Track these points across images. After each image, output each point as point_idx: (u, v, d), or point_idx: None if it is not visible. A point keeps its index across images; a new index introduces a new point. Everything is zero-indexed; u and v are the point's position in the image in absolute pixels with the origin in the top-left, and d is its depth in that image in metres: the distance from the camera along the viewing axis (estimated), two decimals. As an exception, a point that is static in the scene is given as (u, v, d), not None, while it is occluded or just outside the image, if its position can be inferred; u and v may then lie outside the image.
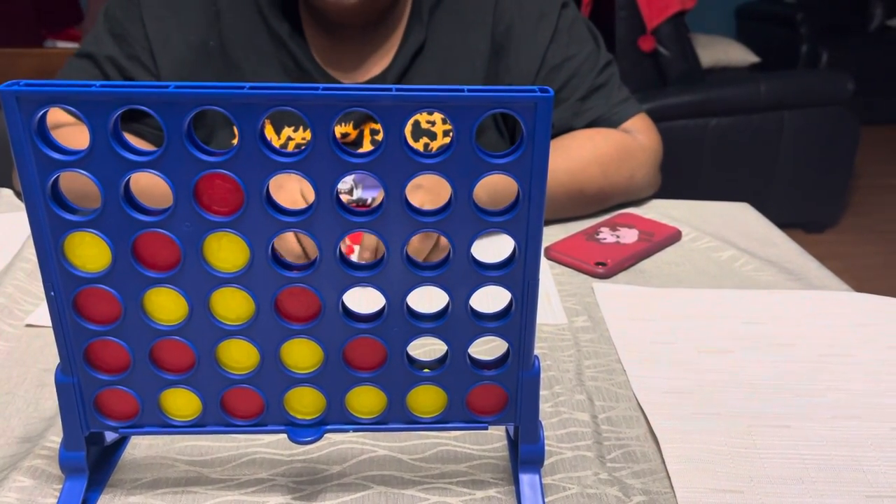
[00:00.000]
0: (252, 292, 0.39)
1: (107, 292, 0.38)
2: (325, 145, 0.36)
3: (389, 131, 0.36)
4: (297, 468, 0.47)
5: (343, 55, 0.87)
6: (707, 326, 0.64)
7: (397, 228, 0.38)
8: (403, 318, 0.40)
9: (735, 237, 0.82)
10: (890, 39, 3.80)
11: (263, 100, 0.35)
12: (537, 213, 0.38)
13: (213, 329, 0.40)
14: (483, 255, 0.40)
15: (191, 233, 0.37)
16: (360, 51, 0.87)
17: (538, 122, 0.36)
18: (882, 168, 3.36)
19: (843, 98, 2.53)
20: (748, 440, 0.50)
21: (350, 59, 0.87)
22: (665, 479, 0.47)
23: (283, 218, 0.37)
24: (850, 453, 0.49)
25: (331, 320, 0.40)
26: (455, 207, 0.38)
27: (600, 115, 0.89)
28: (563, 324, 0.64)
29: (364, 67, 0.87)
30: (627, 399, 0.54)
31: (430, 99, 0.35)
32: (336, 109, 0.35)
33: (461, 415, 0.43)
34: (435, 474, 0.47)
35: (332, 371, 0.42)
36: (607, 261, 0.73)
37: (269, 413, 0.43)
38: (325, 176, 0.36)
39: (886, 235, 2.80)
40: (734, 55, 3.23)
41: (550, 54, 0.87)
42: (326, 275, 0.39)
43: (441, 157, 0.36)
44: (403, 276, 0.39)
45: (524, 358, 0.42)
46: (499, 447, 0.49)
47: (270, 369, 0.41)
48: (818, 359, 0.60)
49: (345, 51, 0.87)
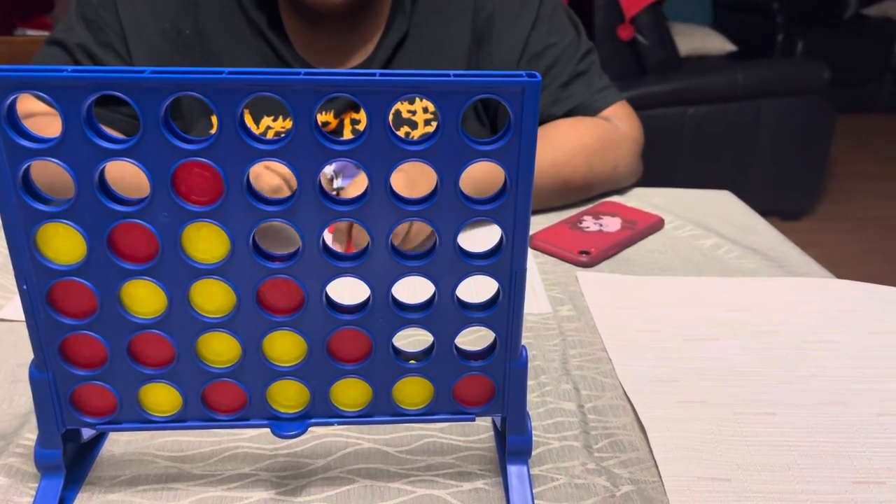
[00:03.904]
0: (233, 284, 0.38)
1: (82, 285, 0.37)
2: (308, 132, 0.35)
3: (373, 118, 0.35)
4: (281, 462, 0.46)
5: (323, 45, 0.85)
6: (691, 314, 0.64)
7: (382, 217, 0.37)
8: (389, 308, 0.40)
9: (717, 225, 0.82)
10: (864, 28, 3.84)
11: (243, 85, 0.33)
12: (524, 201, 0.37)
13: (193, 322, 0.39)
14: (469, 244, 0.39)
15: (169, 223, 0.36)
16: (340, 41, 0.86)
17: (525, 107, 0.35)
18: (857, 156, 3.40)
19: (819, 87, 2.55)
20: (734, 428, 0.50)
21: (331, 50, 0.86)
22: (653, 469, 0.46)
23: (264, 207, 0.36)
24: (836, 439, 0.49)
25: (314, 312, 0.39)
26: (441, 195, 0.37)
27: (581, 102, 0.88)
28: (547, 313, 0.64)
29: (345, 58, 0.86)
30: (613, 388, 0.54)
31: (415, 84, 0.34)
32: (318, 95, 0.34)
33: (448, 406, 0.43)
34: (421, 466, 0.46)
35: (316, 364, 0.41)
36: (591, 249, 0.73)
37: (252, 407, 0.42)
38: (307, 164, 0.35)
39: (861, 223, 2.83)
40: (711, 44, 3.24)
41: (532, 42, 0.87)
42: (309, 265, 0.38)
43: (427, 144, 0.35)
44: (388, 267, 0.38)
45: (511, 348, 0.41)
46: (485, 438, 0.49)
47: (253, 362, 0.40)
48: (802, 345, 0.60)
49: (325, 41, 0.85)
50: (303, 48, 0.85)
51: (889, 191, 3.09)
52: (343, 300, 0.40)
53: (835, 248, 2.64)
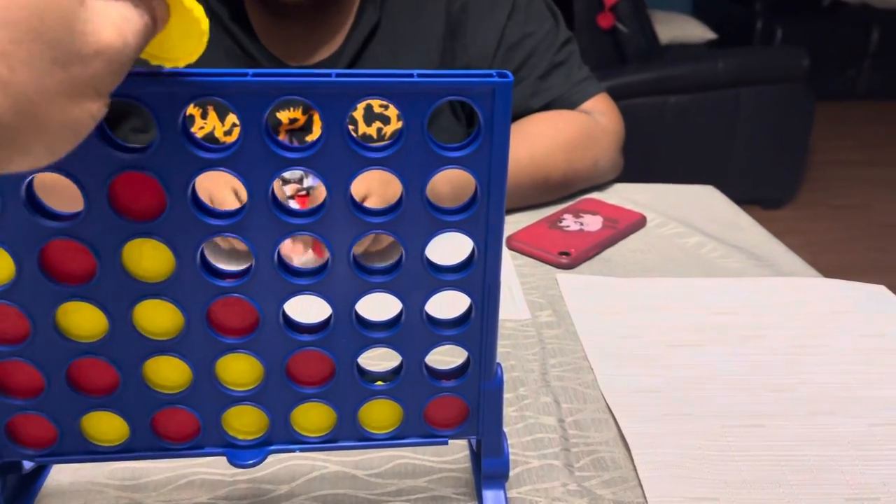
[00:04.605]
0: (180, 304, 0.35)
1: (12, 308, 0.34)
2: (258, 139, 0.32)
3: (330, 122, 0.32)
4: (241, 490, 0.43)
5: (290, 38, 0.82)
6: (675, 318, 0.61)
7: (342, 230, 0.34)
8: (352, 327, 0.37)
9: (701, 222, 0.79)
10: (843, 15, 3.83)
11: (184, 88, 0.30)
12: (497, 211, 0.34)
13: (137, 345, 0.36)
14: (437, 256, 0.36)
15: (107, 239, 0.33)
16: (308, 33, 0.82)
17: (496, 110, 0.32)
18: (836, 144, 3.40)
19: (798, 74, 2.54)
20: (722, 442, 0.47)
21: (297, 42, 0.82)
22: (637, 488, 0.44)
23: (211, 221, 0.33)
24: (828, 453, 0.47)
25: (270, 332, 0.36)
26: (406, 206, 0.34)
27: (560, 94, 0.85)
28: (526, 319, 0.61)
29: (313, 51, 0.82)
30: (595, 400, 0.51)
31: (374, 86, 0.31)
32: (268, 98, 0.31)
33: (418, 429, 0.40)
34: (392, 491, 0.43)
35: (275, 387, 0.38)
36: (571, 250, 0.70)
37: (206, 434, 0.39)
38: (257, 173, 0.32)
39: (841, 211, 2.84)
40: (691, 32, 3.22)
41: (508, 32, 0.83)
42: (264, 283, 0.35)
43: (389, 151, 0.32)
44: (351, 283, 0.35)
45: (485, 367, 0.38)
46: (461, 458, 0.46)
47: (205, 387, 0.37)
48: (790, 350, 0.57)
49: (292, 32, 0.81)
50: (268, 41, 0.81)
51: (868, 177, 3.10)
52: (306, 318, 0.37)
53: (815, 235, 2.63)
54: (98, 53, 0.23)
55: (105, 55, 0.24)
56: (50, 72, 0.22)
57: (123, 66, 0.25)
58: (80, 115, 0.24)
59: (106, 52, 0.24)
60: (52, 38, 0.22)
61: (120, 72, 0.25)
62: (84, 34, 0.23)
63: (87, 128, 0.25)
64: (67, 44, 0.22)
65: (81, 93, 0.23)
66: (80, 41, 0.23)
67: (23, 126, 0.22)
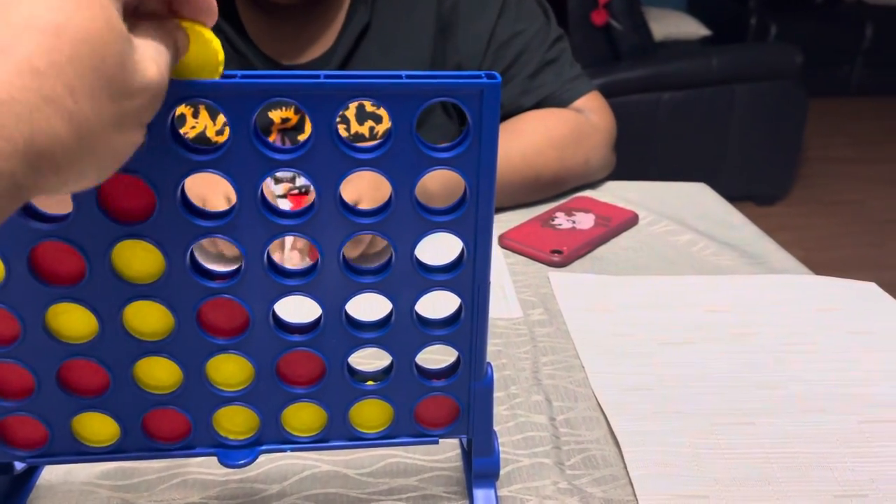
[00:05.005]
0: (170, 305, 0.35)
1: (1, 310, 0.34)
2: (246, 140, 0.32)
3: (318, 124, 0.32)
4: (233, 489, 0.43)
5: (281, 37, 0.81)
6: (667, 316, 0.61)
7: (331, 231, 0.34)
8: (342, 328, 0.37)
9: (693, 220, 0.80)
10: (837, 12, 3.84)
11: (172, 89, 0.30)
12: (486, 211, 0.34)
13: (128, 346, 0.36)
14: (430, 256, 0.36)
15: (96, 241, 0.33)
16: (299, 32, 0.82)
17: (485, 110, 0.32)
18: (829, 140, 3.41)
19: (792, 71, 2.54)
20: (712, 440, 0.48)
21: (289, 41, 0.82)
22: (627, 486, 0.44)
23: (200, 222, 0.33)
24: (818, 450, 0.47)
25: (260, 333, 0.36)
26: (396, 207, 0.34)
27: (551, 92, 0.85)
28: (518, 317, 0.61)
29: (305, 50, 0.82)
30: (586, 398, 0.52)
31: (363, 87, 0.31)
32: (256, 100, 0.31)
33: (409, 429, 0.40)
34: (383, 490, 0.43)
35: (265, 387, 0.38)
36: (563, 248, 0.70)
37: (197, 434, 0.39)
38: (246, 174, 0.32)
39: (834, 207, 2.84)
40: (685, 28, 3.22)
41: (499, 30, 0.83)
42: (253, 284, 0.35)
43: (378, 153, 0.32)
44: (340, 283, 0.35)
45: (476, 367, 0.38)
46: (452, 457, 0.46)
47: (196, 388, 0.37)
48: (781, 348, 0.58)
49: (284, 31, 0.81)
50: (260, 40, 0.81)
51: (861, 174, 3.11)
52: (297, 318, 0.37)
53: (809, 232, 2.64)
54: (144, 89, 0.26)
55: (149, 90, 0.26)
56: (106, 105, 0.24)
57: (160, 98, 0.28)
58: (125, 143, 0.27)
59: (150, 87, 0.26)
60: (110, 75, 0.24)
61: (157, 104, 0.28)
62: (134, 72, 0.25)
63: (128, 154, 0.27)
64: (121, 81, 0.24)
65: (128, 124, 0.26)
66: (131, 78, 0.25)
67: (82, 152, 0.24)
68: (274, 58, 0.81)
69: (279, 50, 0.81)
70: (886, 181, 3.03)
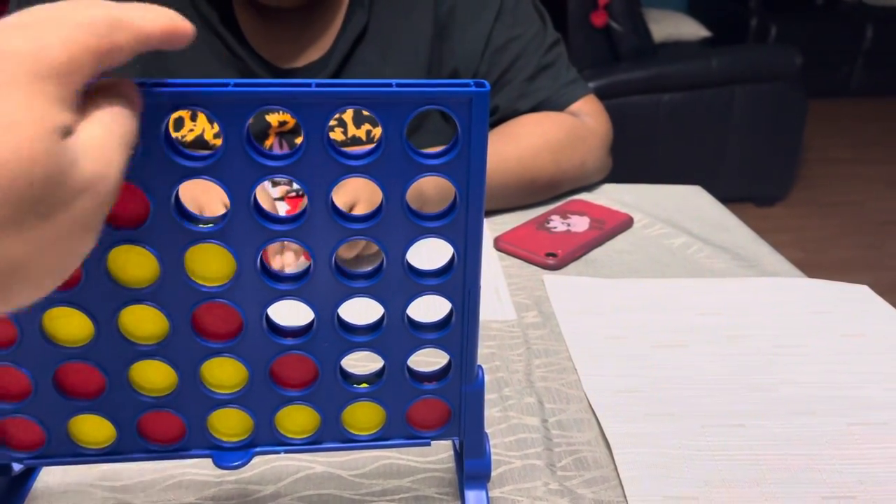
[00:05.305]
0: (164, 309, 0.35)
1: None
2: (239, 147, 0.32)
3: (310, 131, 0.32)
4: (228, 490, 0.44)
5: (279, 40, 0.82)
6: (660, 319, 0.62)
7: (324, 236, 0.35)
8: (335, 331, 0.37)
9: (687, 223, 0.80)
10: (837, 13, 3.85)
11: (166, 98, 0.31)
12: (476, 217, 0.35)
13: (123, 349, 0.36)
14: (423, 260, 0.37)
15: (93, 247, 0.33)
16: (297, 36, 0.82)
17: (474, 118, 0.33)
18: (829, 142, 3.42)
19: (792, 72, 2.55)
20: (702, 441, 0.48)
21: (287, 45, 0.82)
22: (618, 488, 0.45)
23: (195, 228, 0.34)
24: (807, 452, 0.48)
25: (254, 337, 0.37)
26: (387, 212, 0.34)
27: (547, 96, 0.86)
28: (512, 320, 0.62)
29: (302, 52, 0.83)
30: (578, 400, 0.52)
31: (353, 95, 0.32)
32: (249, 108, 0.31)
33: (401, 431, 0.40)
34: (377, 491, 0.44)
35: (259, 390, 0.38)
36: (558, 251, 0.71)
37: (192, 437, 0.39)
38: (239, 181, 0.33)
39: (834, 208, 2.85)
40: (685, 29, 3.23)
41: (495, 35, 0.84)
42: (247, 288, 0.35)
43: (369, 159, 0.33)
44: (333, 288, 0.36)
45: (466, 371, 0.39)
46: (444, 458, 0.47)
47: (190, 390, 0.38)
48: (772, 350, 0.58)
49: (281, 35, 0.82)
50: (257, 44, 0.81)
51: (861, 175, 3.11)
52: (289, 321, 0.38)
53: (809, 232, 2.65)
54: (83, 191, 0.22)
55: (91, 190, 0.23)
56: (34, 227, 0.21)
57: (111, 193, 0.24)
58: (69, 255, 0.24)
59: (91, 186, 0.23)
60: (37, 195, 0.21)
61: (108, 200, 0.24)
62: (69, 176, 0.22)
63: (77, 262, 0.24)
64: (51, 196, 0.21)
65: (67, 235, 0.23)
66: (64, 187, 0.22)
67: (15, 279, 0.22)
68: (272, 61, 0.82)
69: (277, 54, 0.82)
70: (886, 182, 3.04)
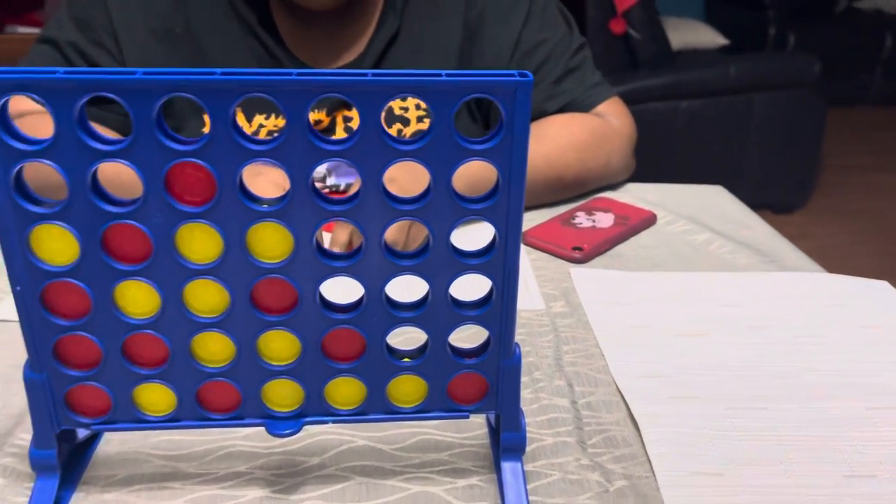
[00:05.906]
0: (226, 284, 0.38)
1: (76, 286, 0.37)
2: (300, 132, 0.35)
3: (366, 117, 0.35)
4: (276, 460, 0.46)
5: (315, 43, 0.85)
6: (683, 310, 0.64)
7: (375, 217, 0.37)
8: (382, 307, 0.40)
9: (710, 220, 0.82)
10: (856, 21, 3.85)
11: (235, 86, 0.33)
12: (517, 200, 0.37)
13: (186, 322, 0.39)
14: (463, 242, 0.39)
15: (162, 224, 0.36)
16: (332, 38, 0.85)
17: (517, 107, 0.35)
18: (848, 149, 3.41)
19: (810, 80, 2.56)
20: (727, 422, 0.50)
21: (322, 47, 0.85)
22: (646, 464, 0.47)
23: (257, 207, 0.36)
24: (828, 433, 0.49)
25: (308, 311, 0.39)
26: (434, 195, 0.37)
27: (573, 98, 0.88)
28: (541, 309, 0.64)
29: (337, 55, 0.86)
30: (606, 384, 0.54)
31: (407, 84, 0.34)
32: (310, 95, 0.34)
33: (442, 404, 0.43)
34: (416, 463, 0.46)
35: (311, 363, 0.41)
36: (584, 245, 0.73)
37: (247, 406, 0.42)
38: (299, 164, 0.36)
39: (853, 216, 2.85)
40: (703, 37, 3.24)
41: (524, 39, 0.87)
42: (303, 265, 0.38)
43: (419, 144, 0.36)
44: (382, 266, 0.39)
45: (505, 346, 0.41)
46: (479, 434, 0.49)
47: (247, 362, 0.40)
48: (793, 340, 0.60)
49: (316, 38, 0.85)
50: (294, 45, 0.85)
51: (880, 183, 3.11)
52: (337, 299, 0.40)
53: (827, 240, 2.65)
54: None
55: None
56: None
57: None
58: None
59: None
60: None
61: None
62: None
63: None
64: None
65: None
66: None
67: None
68: (307, 63, 0.85)
69: (312, 55, 0.85)
70: (905, 190, 3.03)
